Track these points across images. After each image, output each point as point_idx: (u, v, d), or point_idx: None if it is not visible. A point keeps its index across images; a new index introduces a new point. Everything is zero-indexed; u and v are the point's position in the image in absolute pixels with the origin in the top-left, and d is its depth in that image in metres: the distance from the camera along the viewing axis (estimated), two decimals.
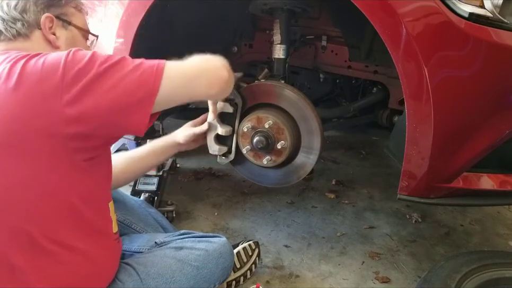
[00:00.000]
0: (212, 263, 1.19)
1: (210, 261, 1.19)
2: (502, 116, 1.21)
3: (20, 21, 1.02)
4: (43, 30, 1.04)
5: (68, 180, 0.93)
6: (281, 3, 1.49)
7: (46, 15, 1.04)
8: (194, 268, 1.14)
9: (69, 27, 1.09)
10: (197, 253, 1.18)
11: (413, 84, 1.18)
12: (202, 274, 1.16)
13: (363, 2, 1.18)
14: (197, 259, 1.17)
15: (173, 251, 1.19)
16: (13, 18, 1.01)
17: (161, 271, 1.12)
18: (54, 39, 1.05)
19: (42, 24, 1.03)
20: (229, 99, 1.45)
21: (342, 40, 1.81)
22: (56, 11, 1.06)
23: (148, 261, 1.15)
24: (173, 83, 0.94)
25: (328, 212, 2.09)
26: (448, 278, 1.22)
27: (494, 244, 1.93)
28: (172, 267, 1.13)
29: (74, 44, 1.07)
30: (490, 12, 1.10)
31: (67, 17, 1.09)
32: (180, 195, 2.11)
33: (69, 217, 0.95)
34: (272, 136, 1.42)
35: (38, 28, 1.04)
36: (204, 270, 1.17)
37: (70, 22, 1.09)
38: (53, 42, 1.05)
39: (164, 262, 1.14)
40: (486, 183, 1.35)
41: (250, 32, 1.99)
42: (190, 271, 1.13)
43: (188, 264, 1.14)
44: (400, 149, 1.31)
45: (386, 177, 2.49)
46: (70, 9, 1.10)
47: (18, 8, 1.02)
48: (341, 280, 1.61)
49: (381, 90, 1.88)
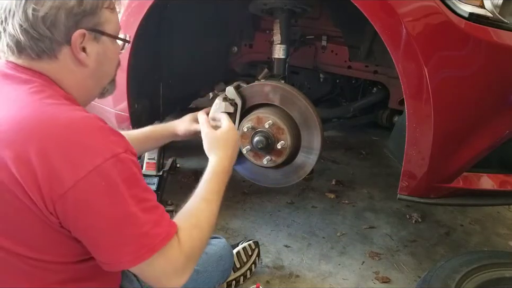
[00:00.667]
0: (212, 266, 1.19)
1: (209, 264, 1.18)
2: (502, 116, 1.21)
3: (48, 39, 0.85)
4: (73, 47, 0.87)
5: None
6: (281, 3, 1.49)
7: (79, 32, 0.87)
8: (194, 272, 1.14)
9: (101, 38, 0.92)
10: None
11: (413, 84, 1.18)
12: (202, 277, 1.15)
13: (363, 2, 1.18)
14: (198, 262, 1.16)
15: None
16: (40, 34, 0.84)
17: None
18: (84, 58, 0.89)
19: (73, 41, 0.87)
20: (229, 99, 1.45)
21: (342, 40, 1.81)
22: (90, 21, 0.89)
23: None
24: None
25: (328, 212, 2.09)
26: (448, 278, 1.22)
27: (494, 244, 1.93)
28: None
29: (104, 59, 0.94)
30: (489, 12, 1.10)
31: (101, 26, 0.91)
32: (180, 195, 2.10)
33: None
34: (272, 136, 1.42)
35: (67, 45, 0.87)
36: (204, 274, 1.16)
37: (103, 32, 0.92)
38: (83, 62, 0.90)
39: None
40: (486, 183, 1.35)
41: (250, 32, 1.99)
42: None
43: None
44: (400, 149, 1.31)
45: (386, 177, 2.48)
46: (104, 14, 0.92)
47: (46, 22, 0.84)
48: (341, 280, 1.61)
49: (381, 90, 1.88)
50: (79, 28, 0.87)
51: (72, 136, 0.78)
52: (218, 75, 2.06)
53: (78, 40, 0.87)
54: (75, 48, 0.87)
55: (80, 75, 0.91)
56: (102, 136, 0.80)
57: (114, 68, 1.00)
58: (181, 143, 1.61)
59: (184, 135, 1.44)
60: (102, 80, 0.98)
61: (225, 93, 1.47)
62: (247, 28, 1.98)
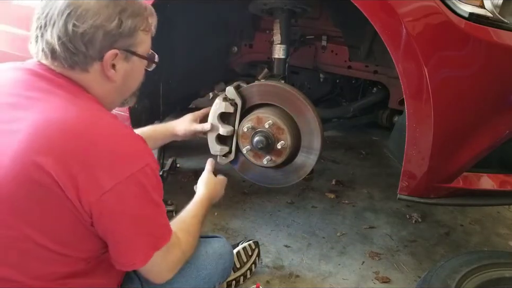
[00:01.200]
0: (212, 264, 1.19)
1: (210, 262, 1.19)
2: (502, 116, 1.21)
3: (83, 54, 0.89)
4: (104, 64, 0.92)
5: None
6: (281, 3, 1.50)
7: (113, 51, 0.91)
8: (194, 270, 1.14)
9: (132, 58, 0.96)
10: (196, 255, 1.18)
11: (413, 84, 1.18)
12: (202, 275, 1.16)
13: (363, 2, 1.18)
14: (197, 260, 1.16)
15: None
16: (76, 48, 0.88)
17: None
18: (112, 74, 0.94)
19: (105, 59, 0.91)
20: (229, 99, 1.45)
21: (342, 40, 1.81)
22: (125, 42, 0.93)
23: None
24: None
25: (328, 212, 2.09)
26: (448, 278, 1.22)
27: (494, 244, 1.93)
28: None
29: (131, 76, 1.00)
30: (490, 12, 1.10)
31: (134, 47, 0.96)
32: (180, 195, 2.11)
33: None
34: (272, 136, 1.42)
35: (99, 61, 0.91)
36: (205, 272, 1.17)
37: (135, 53, 0.96)
38: (111, 78, 0.94)
39: None
40: (486, 183, 1.35)
41: (250, 32, 1.99)
42: (189, 273, 1.13)
43: (188, 267, 1.14)
44: (400, 149, 1.31)
45: (386, 177, 2.48)
46: (139, 36, 0.96)
47: (84, 38, 0.87)
48: (341, 280, 1.61)
49: (381, 90, 1.88)
50: (113, 48, 0.91)
51: (112, 144, 0.86)
52: (218, 75, 2.06)
53: (110, 58, 0.92)
54: (106, 65, 0.92)
55: (106, 88, 0.96)
56: (136, 145, 0.91)
57: (138, 83, 1.05)
58: (181, 143, 1.62)
59: (184, 135, 1.46)
60: (125, 93, 1.05)
61: (225, 93, 1.47)
62: (247, 28, 1.98)
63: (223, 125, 1.46)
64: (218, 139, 1.49)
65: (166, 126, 1.49)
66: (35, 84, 0.89)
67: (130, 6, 0.93)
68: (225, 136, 1.48)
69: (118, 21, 0.90)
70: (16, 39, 1.99)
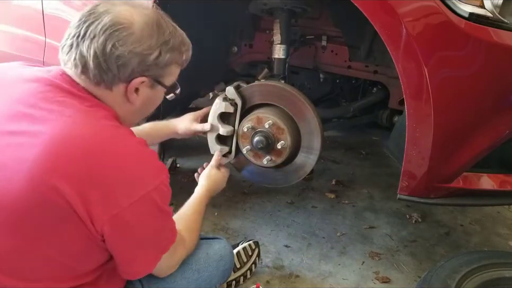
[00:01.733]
0: (212, 266, 1.19)
1: (210, 264, 1.19)
2: (502, 116, 1.21)
3: (112, 74, 0.89)
4: (129, 87, 0.92)
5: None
6: (281, 3, 1.49)
7: (141, 79, 0.92)
8: (195, 272, 1.14)
9: (157, 87, 0.98)
10: (197, 256, 1.18)
11: (413, 84, 1.18)
12: (203, 277, 1.16)
13: (363, 2, 1.18)
14: (198, 262, 1.17)
15: None
16: (108, 67, 0.87)
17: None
18: (134, 98, 0.95)
19: (132, 83, 0.92)
20: (229, 99, 1.45)
21: (342, 40, 1.81)
22: (157, 72, 0.94)
23: None
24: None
25: (328, 212, 2.09)
26: (448, 278, 1.22)
27: (494, 244, 1.93)
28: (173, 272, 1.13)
29: (150, 103, 1.01)
30: (490, 12, 1.10)
31: (163, 78, 0.97)
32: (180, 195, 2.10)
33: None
34: (272, 136, 1.42)
35: (125, 83, 0.92)
36: (205, 274, 1.17)
37: (162, 83, 0.98)
38: (132, 101, 0.95)
39: None
40: (486, 183, 1.35)
41: (250, 32, 1.99)
42: (190, 275, 1.13)
43: (189, 269, 1.14)
44: (400, 149, 1.31)
45: (386, 177, 2.48)
46: (171, 69, 0.98)
47: (119, 60, 0.87)
48: (341, 280, 1.61)
49: (381, 90, 1.87)
50: (143, 75, 0.92)
51: (128, 164, 0.86)
52: (218, 75, 2.06)
53: (137, 84, 0.92)
54: (130, 89, 0.92)
55: (124, 109, 0.96)
56: (150, 162, 0.91)
57: (153, 109, 1.07)
58: (181, 143, 1.62)
59: (184, 134, 1.48)
60: (139, 117, 1.07)
61: (225, 93, 1.47)
62: (247, 28, 1.98)
63: (223, 125, 1.46)
64: (218, 139, 1.49)
65: (166, 123, 1.49)
66: (55, 97, 0.87)
67: (172, 39, 0.94)
68: (225, 136, 1.48)
69: (158, 54, 0.91)
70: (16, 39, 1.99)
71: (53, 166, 0.80)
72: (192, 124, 1.47)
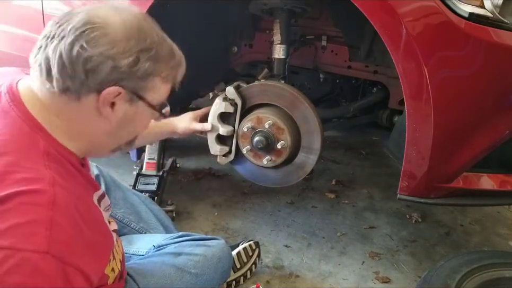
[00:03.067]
0: (211, 269, 1.19)
1: (208, 267, 1.19)
2: (502, 116, 1.21)
3: (80, 81, 0.75)
4: (101, 99, 0.78)
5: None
6: (281, 3, 1.49)
7: (117, 88, 0.77)
8: (193, 276, 1.14)
9: (137, 103, 0.82)
10: (196, 260, 1.17)
11: (413, 84, 1.18)
12: (201, 281, 1.16)
13: (363, 2, 1.18)
14: (196, 265, 1.16)
15: (172, 257, 1.19)
16: (74, 71, 0.74)
17: (161, 281, 1.11)
18: (108, 113, 0.80)
19: (105, 94, 0.77)
20: (229, 99, 1.45)
21: (342, 40, 1.81)
22: (135, 84, 0.79)
23: (147, 271, 1.14)
24: None
25: (328, 212, 2.09)
26: (448, 278, 1.22)
27: (494, 244, 1.93)
28: (171, 276, 1.13)
29: (130, 122, 0.85)
30: (490, 12, 1.10)
31: (143, 91, 0.82)
32: (180, 195, 2.11)
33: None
34: (272, 136, 1.42)
35: (96, 93, 0.77)
36: (204, 277, 1.17)
37: (142, 98, 0.82)
38: (106, 116, 0.80)
39: (163, 271, 1.14)
40: (486, 183, 1.35)
41: (250, 32, 1.99)
42: (189, 279, 1.13)
43: (188, 272, 1.14)
44: (400, 149, 1.31)
45: (386, 177, 2.48)
46: (154, 82, 0.82)
47: (87, 64, 0.74)
48: (341, 280, 1.61)
49: (381, 90, 1.87)
50: (118, 85, 0.77)
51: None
52: (218, 75, 2.06)
53: (111, 95, 0.78)
54: (102, 101, 0.78)
55: (96, 127, 0.83)
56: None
57: (137, 131, 0.92)
58: (181, 143, 1.62)
59: (183, 133, 1.46)
60: (119, 139, 0.91)
61: (225, 93, 1.47)
62: (247, 28, 1.98)
63: (223, 125, 1.46)
64: (217, 139, 1.49)
65: (165, 122, 1.47)
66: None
67: (156, 48, 0.80)
68: (225, 136, 1.48)
69: (134, 60, 0.77)
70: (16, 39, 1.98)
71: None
72: (191, 124, 1.47)
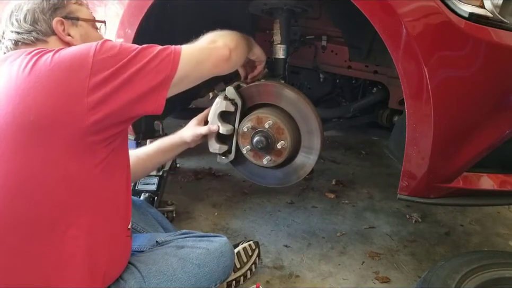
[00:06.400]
0: (213, 261, 1.20)
1: (211, 259, 1.19)
2: (502, 116, 1.21)
3: (35, 31, 1.07)
4: (58, 34, 1.09)
5: (86, 168, 0.96)
6: (281, 3, 1.49)
7: (56, 20, 1.08)
8: (195, 266, 1.15)
9: (78, 23, 1.14)
10: (198, 252, 1.18)
11: (413, 84, 1.18)
12: (203, 272, 1.16)
13: (363, 2, 1.18)
14: (199, 257, 1.17)
15: (174, 249, 1.20)
16: (27, 30, 1.06)
17: (163, 269, 1.12)
18: (71, 40, 1.11)
19: (55, 29, 1.08)
20: (229, 99, 1.45)
21: (342, 40, 1.81)
22: (62, 12, 1.11)
23: (149, 260, 1.15)
24: (185, 68, 1.07)
25: (328, 212, 2.09)
26: (448, 278, 1.22)
27: (494, 244, 1.93)
28: (173, 265, 1.14)
29: (88, 38, 1.13)
30: (490, 12, 1.10)
31: (73, 14, 1.14)
32: (180, 195, 2.11)
33: (86, 204, 0.97)
34: (272, 136, 1.42)
35: (53, 34, 1.09)
36: (206, 269, 1.18)
37: (78, 18, 1.14)
38: (71, 43, 1.10)
39: (165, 260, 1.15)
40: (486, 183, 1.35)
41: (250, 32, 1.99)
42: (191, 269, 1.14)
43: (190, 263, 1.14)
44: (400, 149, 1.31)
45: (386, 177, 2.49)
46: (72, 6, 1.14)
47: (28, 21, 1.07)
48: (341, 280, 1.61)
49: (381, 90, 1.87)
50: (56, 18, 1.09)
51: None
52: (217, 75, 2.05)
53: (59, 27, 1.09)
54: (60, 34, 1.09)
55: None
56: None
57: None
58: None
59: (194, 141, 1.46)
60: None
61: (225, 93, 1.47)
62: (247, 28, 1.98)
63: (224, 124, 1.46)
64: (217, 138, 1.49)
65: (172, 136, 1.49)
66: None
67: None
68: (225, 136, 1.48)
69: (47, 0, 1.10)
70: None
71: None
72: (197, 128, 1.46)
